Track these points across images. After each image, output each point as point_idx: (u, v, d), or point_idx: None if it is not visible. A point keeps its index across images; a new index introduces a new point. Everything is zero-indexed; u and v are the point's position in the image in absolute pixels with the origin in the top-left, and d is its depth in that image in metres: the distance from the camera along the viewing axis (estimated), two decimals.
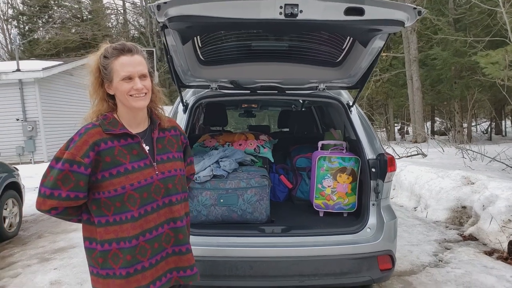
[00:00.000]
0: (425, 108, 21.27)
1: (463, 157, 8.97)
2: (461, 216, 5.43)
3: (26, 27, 30.87)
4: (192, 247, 2.62)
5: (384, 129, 23.90)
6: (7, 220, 5.35)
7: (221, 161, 3.06)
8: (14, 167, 5.87)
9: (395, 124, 26.51)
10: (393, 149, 11.53)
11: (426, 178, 6.50)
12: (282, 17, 2.03)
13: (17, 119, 13.09)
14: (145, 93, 1.62)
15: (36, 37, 29.18)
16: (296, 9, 2.00)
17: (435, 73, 16.51)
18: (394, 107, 24.92)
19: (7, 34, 31.43)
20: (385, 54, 19.96)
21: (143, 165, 1.62)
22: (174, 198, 1.71)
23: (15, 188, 5.56)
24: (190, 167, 2.03)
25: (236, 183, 2.87)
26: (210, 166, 2.98)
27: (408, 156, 10.75)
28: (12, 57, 26.13)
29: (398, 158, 10.43)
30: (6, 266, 4.28)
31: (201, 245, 2.67)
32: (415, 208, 6.29)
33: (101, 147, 1.55)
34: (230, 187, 2.86)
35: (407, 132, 24.52)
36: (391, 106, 24.86)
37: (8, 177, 5.36)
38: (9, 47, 30.94)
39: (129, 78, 1.58)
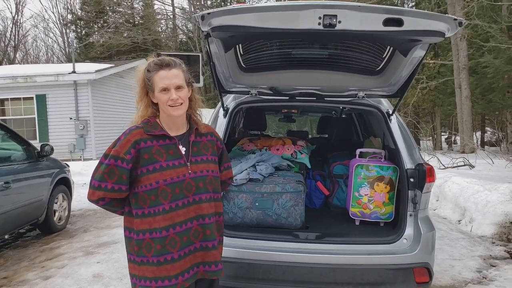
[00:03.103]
0: (475, 117, 20.34)
1: None
2: (509, 232, 5.16)
3: (83, 32, 32.65)
4: (226, 248, 2.72)
5: (430, 138, 23.07)
6: (57, 214, 5.70)
7: (257, 165, 3.12)
8: (65, 163, 6.24)
9: (442, 133, 25.51)
10: (438, 159, 11.13)
11: (472, 190, 6.23)
12: (321, 27, 2.07)
13: (70, 118, 13.84)
14: (181, 103, 1.81)
15: (91, 40, 30.75)
16: (334, 20, 2.03)
17: (486, 82, 15.78)
18: (441, 116, 24.01)
19: (65, 38, 33.44)
20: (432, 61, 19.30)
21: (177, 164, 1.81)
22: (204, 196, 1.86)
23: (65, 184, 5.92)
24: (227, 171, 2.16)
25: (272, 187, 2.92)
26: (246, 169, 3.05)
27: (454, 167, 10.34)
28: (69, 60, 27.70)
29: (443, 168, 10.06)
30: (54, 257, 4.57)
31: (236, 247, 2.74)
32: (459, 221, 6.05)
33: (141, 145, 1.76)
34: (265, 191, 2.91)
35: (455, 142, 23.53)
36: (438, 115, 23.97)
37: (59, 172, 5.72)
38: (67, 50, 32.83)
39: (166, 90, 1.78)
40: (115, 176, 1.73)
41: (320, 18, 2.04)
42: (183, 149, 1.85)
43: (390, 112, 3.10)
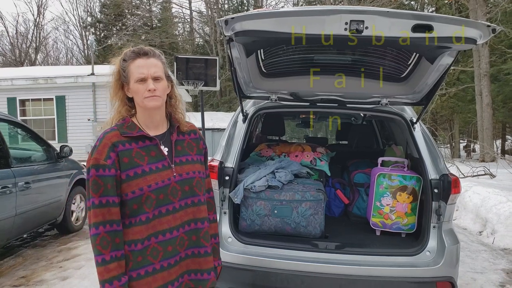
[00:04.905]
0: (495, 125, 19.88)
1: None
2: None
3: (102, 34, 33.14)
4: (243, 255, 2.70)
5: (448, 145, 22.65)
6: (74, 214, 5.75)
7: (276, 171, 3.07)
8: (83, 164, 6.30)
9: (461, 141, 25.03)
10: (457, 167, 10.89)
11: (494, 201, 6.07)
12: (347, 33, 2.02)
13: (88, 119, 14.03)
14: (159, 96, 1.62)
15: (110, 43, 31.18)
16: (361, 26, 1.98)
17: (509, 89, 15.41)
18: (460, 123, 23.55)
19: (84, 40, 34.01)
20: (452, 68, 18.95)
21: (161, 167, 1.63)
22: (190, 200, 1.69)
23: (83, 185, 5.94)
24: (207, 180, 1.89)
25: (291, 195, 2.87)
26: (265, 176, 3.00)
27: (474, 176, 10.11)
28: (88, 62, 28.18)
29: (463, 178, 9.84)
30: (71, 258, 4.59)
31: (253, 255, 2.70)
32: (480, 232, 5.90)
33: (119, 148, 1.58)
34: (284, 199, 2.86)
35: (474, 150, 23.06)
36: (456, 122, 23.53)
37: (77, 174, 5.77)
38: (86, 52, 33.41)
39: (143, 80, 1.60)
40: (100, 187, 1.52)
41: (346, 23, 2.00)
42: (165, 150, 1.67)
43: (414, 120, 3.02)
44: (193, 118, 1.91)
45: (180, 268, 1.66)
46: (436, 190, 2.75)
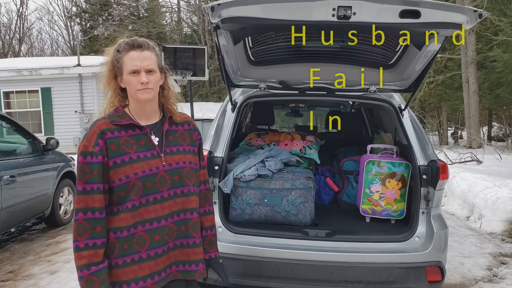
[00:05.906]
0: (482, 112, 20.12)
1: None
2: None
3: (88, 24, 32.55)
4: (234, 245, 2.70)
5: (437, 132, 22.92)
6: (62, 207, 5.68)
7: (266, 160, 3.06)
8: (71, 157, 6.21)
9: (448, 128, 25.32)
10: (445, 154, 11.03)
11: (481, 186, 6.15)
12: (335, 19, 2.00)
13: (76, 111, 13.86)
14: (151, 88, 1.63)
15: (96, 33, 30.67)
16: (349, 11, 1.97)
17: (495, 76, 15.56)
18: (448, 111, 23.80)
19: (70, 31, 33.40)
20: (440, 55, 19.05)
21: (149, 155, 1.63)
22: (180, 190, 1.68)
23: (71, 177, 5.86)
24: (203, 171, 1.89)
25: (281, 183, 2.86)
26: (255, 165, 2.99)
27: (461, 162, 10.25)
28: (73, 53, 27.69)
29: (451, 164, 9.96)
30: (60, 251, 4.55)
31: (244, 244, 2.70)
32: (467, 217, 5.99)
33: (107, 136, 1.59)
34: (274, 188, 2.86)
35: (461, 137, 23.36)
36: (444, 109, 23.78)
37: (65, 166, 5.68)
38: (72, 43, 32.83)
39: (136, 72, 1.60)
40: (86, 174, 1.53)
41: (334, 9, 1.98)
42: (155, 139, 1.67)
43: (403, 107, 3.03)
44: (184, 109, 1.90)
45: (168, 259, 1.66)
46: (424, 176, 2.76)
